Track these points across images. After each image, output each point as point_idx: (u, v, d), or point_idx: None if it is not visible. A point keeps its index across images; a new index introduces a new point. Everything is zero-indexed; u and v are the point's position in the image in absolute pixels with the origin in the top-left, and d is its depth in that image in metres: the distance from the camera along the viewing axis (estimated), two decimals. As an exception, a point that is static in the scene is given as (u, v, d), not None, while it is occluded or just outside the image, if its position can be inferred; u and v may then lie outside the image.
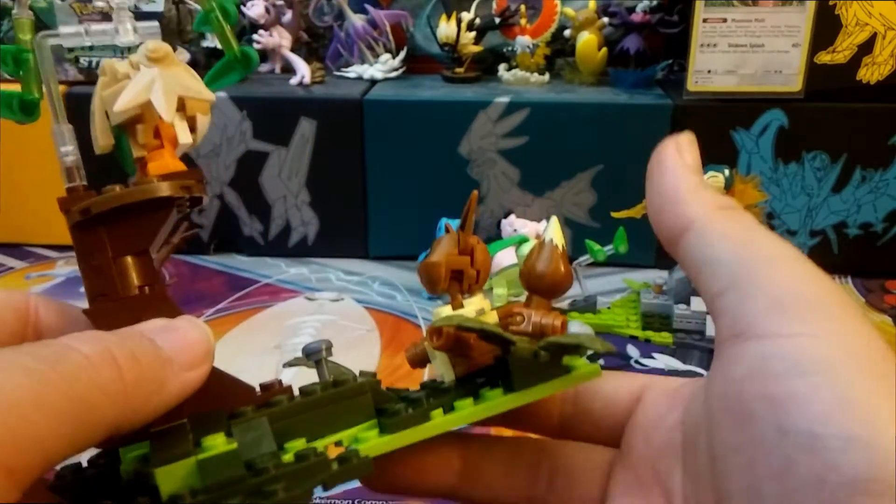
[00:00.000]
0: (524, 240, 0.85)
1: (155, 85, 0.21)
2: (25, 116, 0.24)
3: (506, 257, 0.84)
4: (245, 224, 0.99)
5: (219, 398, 0.21)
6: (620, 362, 0.74)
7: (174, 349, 0.19)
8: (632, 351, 0.76)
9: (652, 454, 0.24)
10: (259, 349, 0.76)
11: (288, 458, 0.20)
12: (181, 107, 0.22)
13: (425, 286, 0.23)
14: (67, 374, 0.17)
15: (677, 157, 0.23)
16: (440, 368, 0.24)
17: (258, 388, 0.23)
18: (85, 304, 0.22)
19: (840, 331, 0.19)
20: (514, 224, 0.90)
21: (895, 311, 0.85)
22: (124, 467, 0.21)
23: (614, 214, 0.73)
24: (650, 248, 0.94)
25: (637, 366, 0.73)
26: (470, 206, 0.23)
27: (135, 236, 0.22)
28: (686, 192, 0.22)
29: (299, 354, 0.26)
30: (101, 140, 0.22)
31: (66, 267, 0.96)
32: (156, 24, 0.24)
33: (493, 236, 0.93)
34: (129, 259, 0.22)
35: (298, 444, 0.21)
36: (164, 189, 0.21)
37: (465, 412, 0.22)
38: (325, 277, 0.94)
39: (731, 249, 0.21)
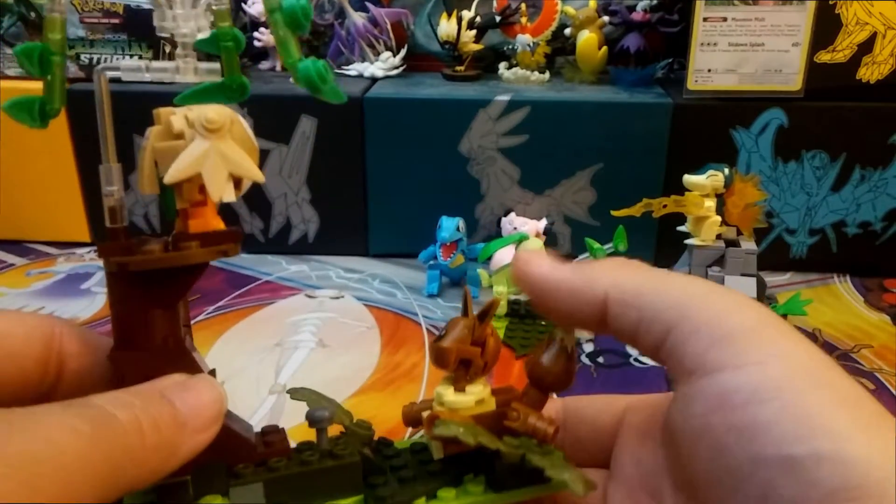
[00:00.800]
0: (524, 237, 0.85)
1: (207, 161, 0.21)
2: (40, 123, 0.22)
3: (506, 255, 0.84)
4: (246, 221, 0.99)
5: (220, 451, 0.22)
6: (620, 360, 0.74)
7: (189, 411, 0.20)
8: (631, 349, 0.76)
9: (641, 472, 0.24)
10: (260, 346, 0.76)
11: None
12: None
13: (435, 364, 0.24)
14: (108, 438, 0.18)
15: (536, 267, 0.23)
16: (430, 442, 0.25)
17: (258, 428, 0.24)
18: (86, 303, 0.22)
19: (784, 353, 0.20)
20: (515, 222, 0.90)
21: (894, 309, 0.85)
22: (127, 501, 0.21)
23: (614, 213, 0.73)
24: (650, 246, 0.94)
25: (636, 364, 0.73)
26: (493, 305, 0.24)
27: (167, 293, 0.22)
28: (577, 281, 0.23)
29: (301, 351, 0.27)
30: (148, 188, 0.22)
31: (67, 264, 0.96)
32: (217, 66, 0.23)
33: (493, 234, 0.94)
34: (158, 311, 0.22)
35: None
36: (203, 256, 0.22)
37: None
38: (326, 275, 0.94)
39: (657, 298, 0.22)
